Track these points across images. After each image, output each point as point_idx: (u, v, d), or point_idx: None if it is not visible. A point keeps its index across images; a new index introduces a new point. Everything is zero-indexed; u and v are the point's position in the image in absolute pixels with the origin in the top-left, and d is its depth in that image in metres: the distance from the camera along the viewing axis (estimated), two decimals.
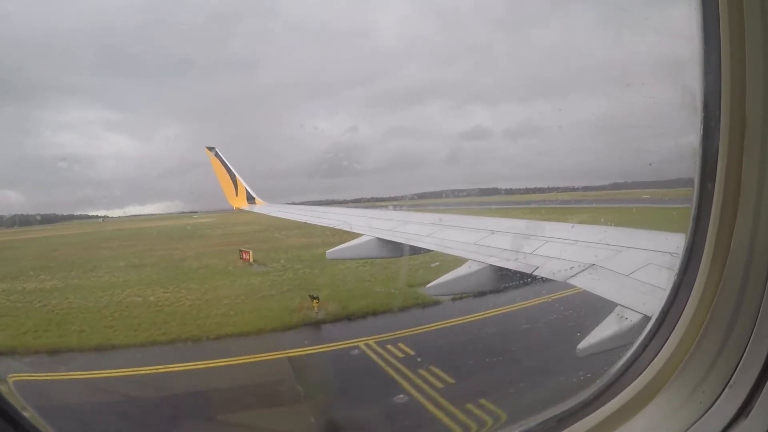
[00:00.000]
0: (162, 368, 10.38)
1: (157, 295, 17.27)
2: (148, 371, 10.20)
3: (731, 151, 1.50)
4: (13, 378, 8.38)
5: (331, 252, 9.66)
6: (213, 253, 27.21)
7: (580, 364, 4.07)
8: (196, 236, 38.58)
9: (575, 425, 1.72)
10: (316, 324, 13.11)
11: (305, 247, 25.51)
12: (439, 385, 8.59)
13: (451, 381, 8.70)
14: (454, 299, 12.84)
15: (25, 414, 1.59)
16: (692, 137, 1.68)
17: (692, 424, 1.51)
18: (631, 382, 1.74)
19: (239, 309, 14.73)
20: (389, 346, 10.70)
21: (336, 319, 13.40)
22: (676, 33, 1.85)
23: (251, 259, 23.40)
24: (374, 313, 13.66)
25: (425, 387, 8.56)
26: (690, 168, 1.72)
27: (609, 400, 1.74)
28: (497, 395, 7.69)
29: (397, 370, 9.46)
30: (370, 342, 11.10)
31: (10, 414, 1.53)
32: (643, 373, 1.74)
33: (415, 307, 13.67)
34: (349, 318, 13.42)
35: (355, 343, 11.13)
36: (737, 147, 1.48)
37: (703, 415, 1.51)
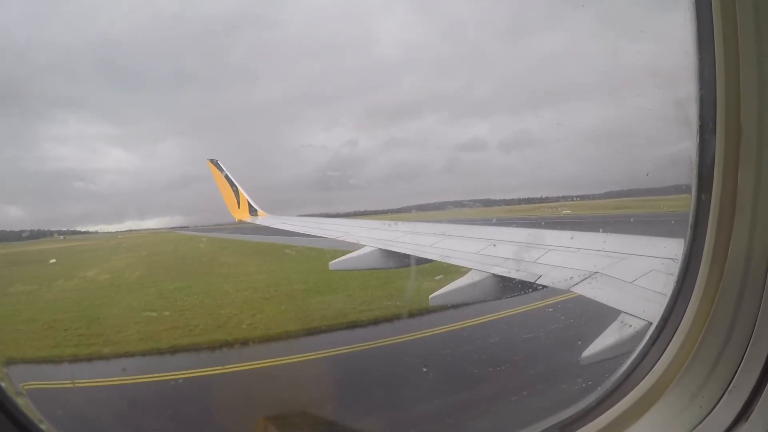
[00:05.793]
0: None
1: None
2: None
3: (727, 159, 1.52)
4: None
5: (334, 263, 9.65)
6: None
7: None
8: None
9: None
10: None
11: None
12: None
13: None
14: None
15: (42, 427, 1.61)
16: (688, 146, 1.71)
17: (692, 429, 1.51)
18: (632, 389, 1.75)
19: None
20: None
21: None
22: (671, 43, 1.88)
23: None
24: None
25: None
26: (686, 176, 1.74)
27: (610, 407, 1.75)
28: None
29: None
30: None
31: (27, 426, 1.55)
32: (644, 379, 1.75)
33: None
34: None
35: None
36: (733, 155, 1.50)
37: (703, 420, 1.52)
